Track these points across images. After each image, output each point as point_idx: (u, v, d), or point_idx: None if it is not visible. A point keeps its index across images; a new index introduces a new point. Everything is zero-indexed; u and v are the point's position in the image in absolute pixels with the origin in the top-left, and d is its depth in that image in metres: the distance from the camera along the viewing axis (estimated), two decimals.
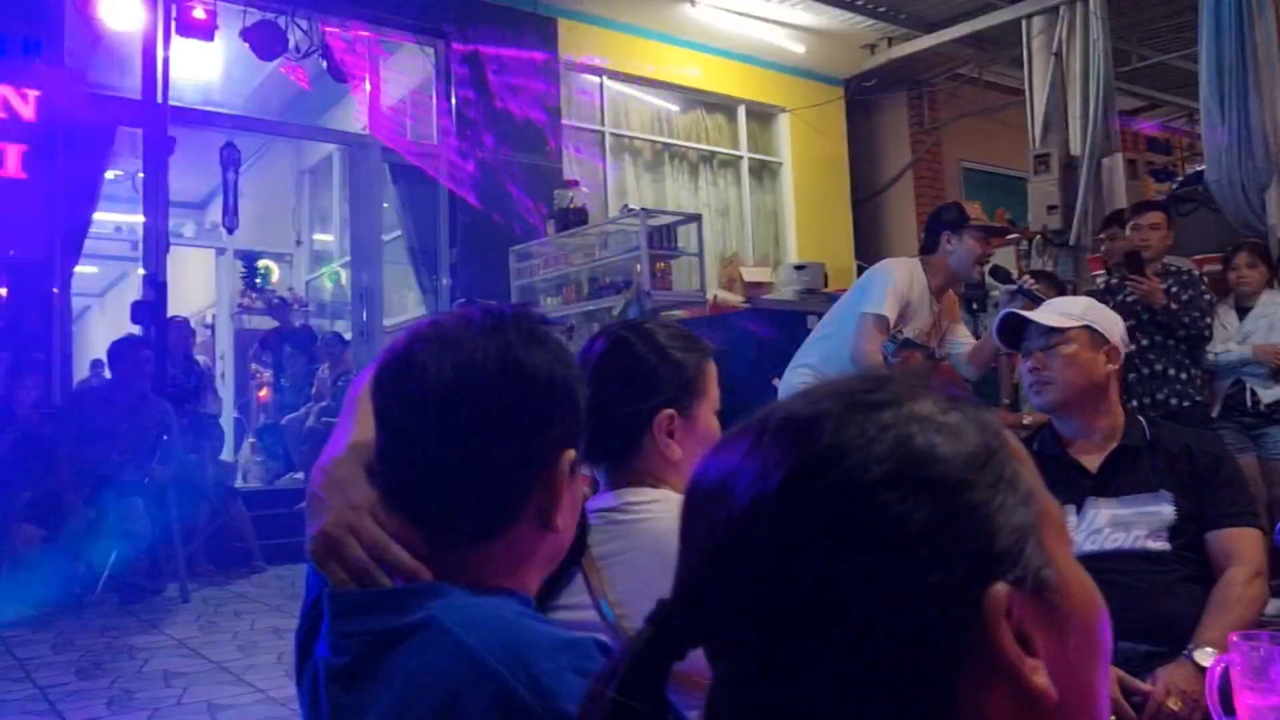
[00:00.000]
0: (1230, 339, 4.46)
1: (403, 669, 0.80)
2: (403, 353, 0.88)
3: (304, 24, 7.22)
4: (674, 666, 0.52)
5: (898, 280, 3.37)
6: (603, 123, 8.79)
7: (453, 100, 7.77)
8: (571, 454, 0.89)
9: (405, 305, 8.67)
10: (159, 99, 6.77)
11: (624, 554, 1.26)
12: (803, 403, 0.54)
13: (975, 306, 5.23)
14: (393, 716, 0.80)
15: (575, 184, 7.74)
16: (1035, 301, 3.59)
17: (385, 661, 0.81)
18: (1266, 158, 5.32)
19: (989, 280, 3.73)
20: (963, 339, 3.61)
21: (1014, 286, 3.42)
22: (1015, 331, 2.18)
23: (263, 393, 9.02)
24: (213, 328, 10.69)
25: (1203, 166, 6.03)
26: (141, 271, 6.92)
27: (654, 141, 9.17)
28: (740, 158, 9.64)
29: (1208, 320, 4.32)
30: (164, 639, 4.62)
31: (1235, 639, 1.26)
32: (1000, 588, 0.49)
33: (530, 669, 0.75)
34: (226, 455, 7.71)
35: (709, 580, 0.52)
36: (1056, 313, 2.15)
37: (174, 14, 6.73)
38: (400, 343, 0.90)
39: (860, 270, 8.72)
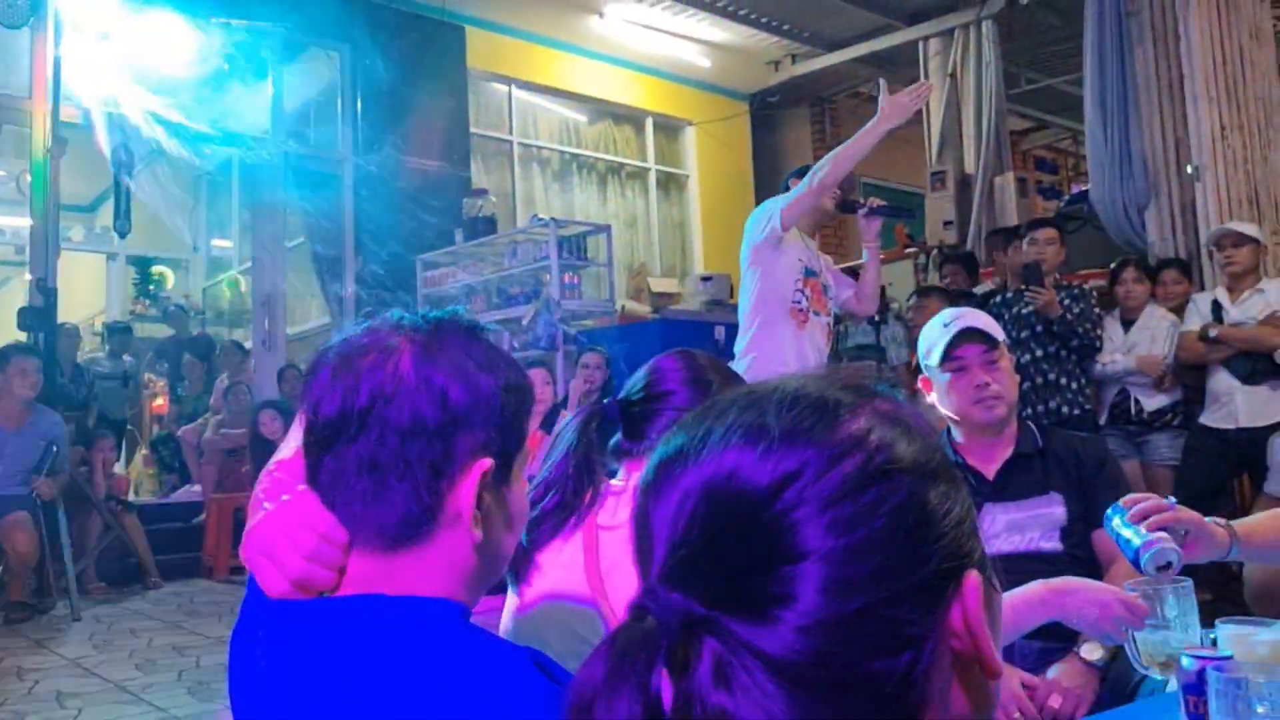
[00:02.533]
0: (1116, 350, 4.68)
1: (339, 681, 0.80)
2: (319, 358, 0.90)
3: (205, 24, 7.03)
4: None
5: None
6: (511, 132, 8.78)
7: (358, 105, 7.66)
8: (487, 462, 0.87)
9: (309, 313, 8.50)
10: (50, 98, 6.52)
11: None
12: (800, 389, 0.56)
13: (877, 318, 5.37)
14: None
15: (484, 193, 7.70)
16: (894, 215, 3.78)
17: (322, 673, 0.81)
18: (1146, 178, 5.60)
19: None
20: (837, 280, 3.76)
21: (864, 209, 3.59)
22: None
23: (157, 402, 8.72)
24: (102, 336, 10.28)
25: (1087, 186, 6.31)
26: (28, 276, 6.64)
27: (562, 152, 9.19)
28: (648, 169, 9.73)
29: (1098, 332, 4.53)
30: (55, 659, 4.43)
31: (1129, 585, 1.36)
32: (975, 572, 0.54)
33: (467, 681, 0.76)
34: (119, 468, 7.43)
35: (713, 561, 0.52)
36: (990, 326, 2.16)
37: (67, 10, 6.50)
38: (323, 348, 0.91)
39: None
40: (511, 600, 1.51)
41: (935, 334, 2.15)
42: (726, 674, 0.50)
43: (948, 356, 2.11)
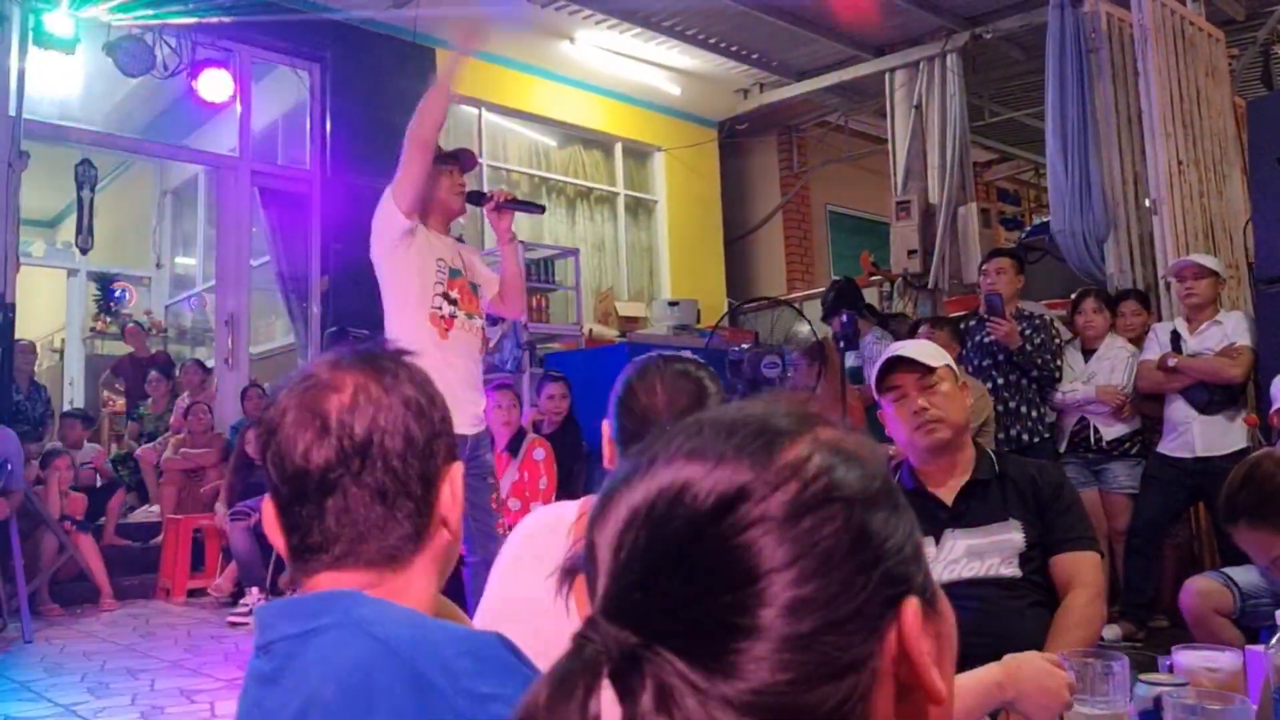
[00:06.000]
0: (1076, 379, 4.75)
1: (318, 660, 0.85)
2: (276, 409, 0.95)
3: (172, 40, 7.00)
4: None
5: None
6: (481, 155, 8.77)
7: (327, 125, 7.63)
8: (458, 465, 0.97)
9: (273, 333, 8.43)
10: (12, 111, 6.45)
11: None
12: (742, 416, 0.57)
13: (843, 345, 5.39)
14: (312, 703, 0.84)
15: None
16: (527, 209, 3.63)
17: (303, 657, 0.87)
18: (1105, 211, 5.71)
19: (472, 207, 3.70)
20: (488, 278, 3.60)
21: (491, 203, 3.51)
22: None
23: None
24: (61, 352, 10.14)
25: (1049, 217, 6.41)
26: None
27: (531, 175, 9.21)
28: (616, 194, 9.77)
29: (1058, 363, 4.59)
30: (4, 682, 4.33)
31: (1062, 655, 1.36)
32: (914, 599, 0.54)
33: (440, 653, 0.82)
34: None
35: (662, 591, 0.52)
36: (923, 354, 2.20)
37: (32, 24, 6.44)
38: (272, 400, 0.97)
39: (731, 306, 8.94)
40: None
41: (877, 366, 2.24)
42: (668, 701, 0.50)
43: (882, 385, 2.18)
